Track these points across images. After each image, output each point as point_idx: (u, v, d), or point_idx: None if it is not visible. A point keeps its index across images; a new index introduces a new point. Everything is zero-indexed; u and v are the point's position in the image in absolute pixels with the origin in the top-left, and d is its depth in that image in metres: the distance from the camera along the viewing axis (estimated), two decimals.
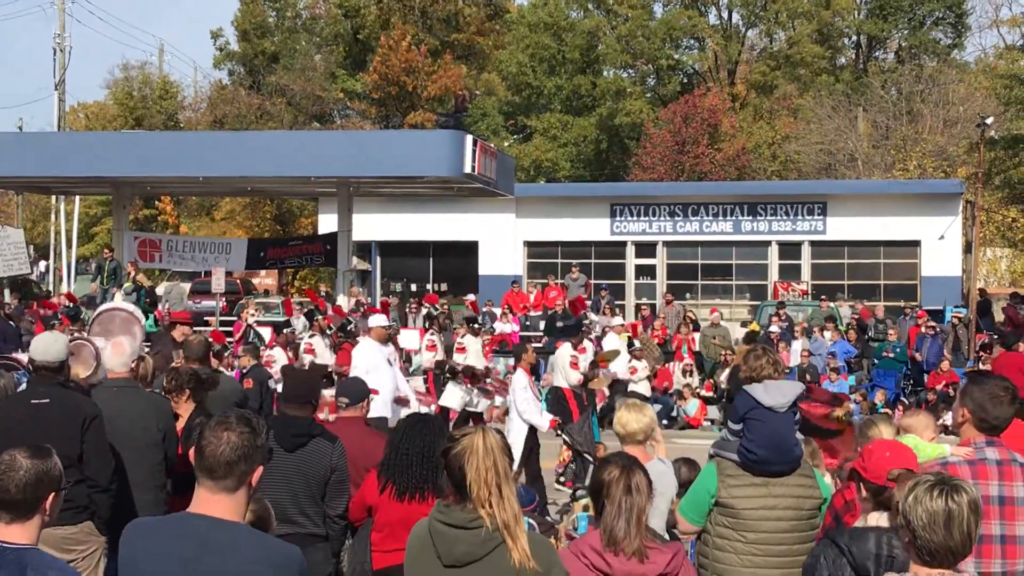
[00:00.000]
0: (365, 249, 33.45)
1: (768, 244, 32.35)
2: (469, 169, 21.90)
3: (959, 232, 31.50)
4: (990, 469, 4.62)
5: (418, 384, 16.67)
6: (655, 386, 20.79)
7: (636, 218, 32.98)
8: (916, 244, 31.29)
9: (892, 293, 31.48)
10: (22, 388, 6.92)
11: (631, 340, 20.04)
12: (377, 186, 26.82)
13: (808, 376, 19.39)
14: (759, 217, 32.25)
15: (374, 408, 11.43)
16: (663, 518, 6.05)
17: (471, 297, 27.67)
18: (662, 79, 49.84)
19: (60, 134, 36.08)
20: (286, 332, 18.16)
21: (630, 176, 43.77)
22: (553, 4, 49.81)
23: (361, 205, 28.08)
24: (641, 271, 33.36)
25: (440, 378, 17.39)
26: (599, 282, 30.82)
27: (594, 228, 32.95)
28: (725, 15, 51.09)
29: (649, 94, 50.03)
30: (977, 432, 4.78)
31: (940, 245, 30.80)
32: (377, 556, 5.86)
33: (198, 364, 8.64)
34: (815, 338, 22.64)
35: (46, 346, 6.46)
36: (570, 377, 13.09)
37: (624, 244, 33.18)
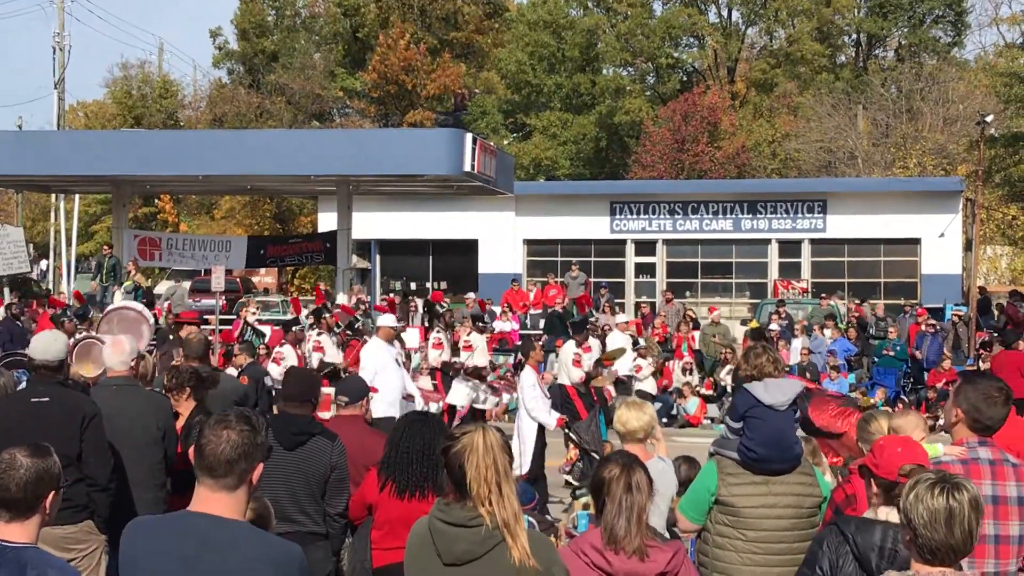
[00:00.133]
0: (365, 247, 33.45)
1: (768, 242, 32.34)
2: (469, 167, 21.88)
3: (959, 230, 31.50)
4: (983, 469, 4.63)
5: (425, 383, 16.64)
6: (655, 384, 20.77)
7: (636, 216, 32.94)
8: (916, 242, 31.29)
9: (892, 291, 31.45)
10: (22, 387, 6.93)
11: (635, 338, 20.02)
12: (377, 184, 26.79)
13: (808, 374, 19.35)
14: (759, 215, 32.23)
15: (382, 408, 11.41)
16: (663, 516, 6.05)
17: (471, 295, 27.62)
18: (662, 77, 49.81)
19: (60, 133, 36.00)
20: (295, 330, 18.07)
21: (630, 174, 43.75)
22: (552, 2, 49.78)
23: (361, 203, 28.04)
24: (641, 269, 33.32)
25: (448, 376, 17.35)
26: (599, 280, 30.76)
27: (594, 226, 32.91)
28: (725, 13, 51.08)
29: (649, 92, 50.01)
30: (970, 432, 4.79)
31: (940, 243, 30.79)
32: (377, 554, 5.86)
33: (198, 362, 8.64)
34: (815, 336, 22.61)
35: (46, 345, 6.46)
36: (573, 375, 13.09)
37: (624, 242, 33.15)
